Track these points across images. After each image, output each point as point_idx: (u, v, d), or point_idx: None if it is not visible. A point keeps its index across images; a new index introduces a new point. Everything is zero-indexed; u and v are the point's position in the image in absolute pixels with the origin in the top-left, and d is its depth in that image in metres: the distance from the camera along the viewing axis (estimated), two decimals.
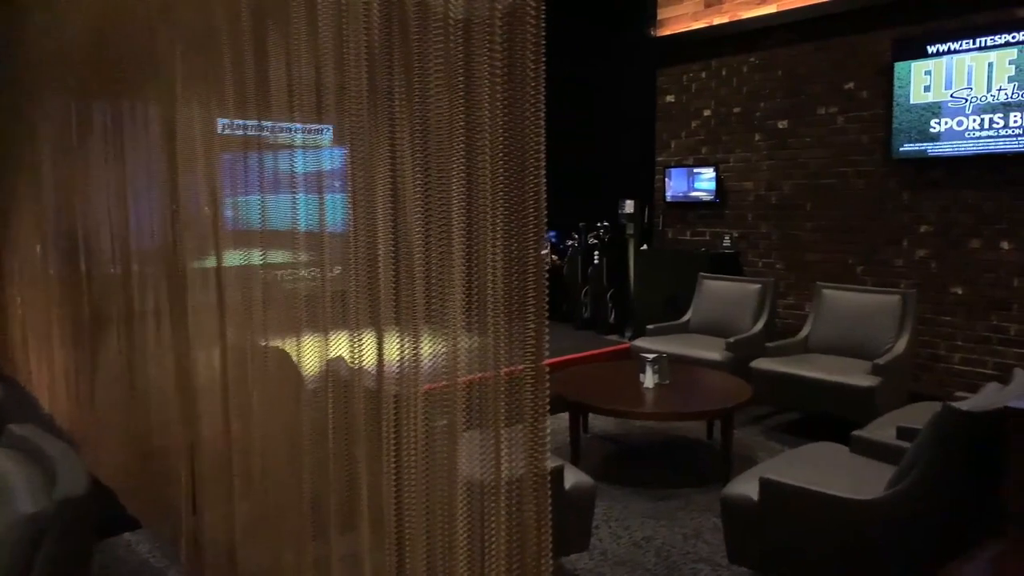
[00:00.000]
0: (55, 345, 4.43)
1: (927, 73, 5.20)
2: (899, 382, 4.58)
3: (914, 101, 5.27)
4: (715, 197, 6.60)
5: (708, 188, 6.64)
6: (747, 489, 2.69)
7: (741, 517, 2.70)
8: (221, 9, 2.28)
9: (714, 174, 6.58)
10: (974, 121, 5.00)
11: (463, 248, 1.51)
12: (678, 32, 6.65)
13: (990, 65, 4.92)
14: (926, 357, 5.36)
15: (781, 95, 6.18)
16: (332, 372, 1.98)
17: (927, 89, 5.21)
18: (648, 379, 4.11)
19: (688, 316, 5.89)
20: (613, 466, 4.30)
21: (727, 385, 4.25)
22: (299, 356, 2.09)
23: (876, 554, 2.39)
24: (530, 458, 1.39)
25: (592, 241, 7.65)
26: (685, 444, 4.65)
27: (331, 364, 1.98)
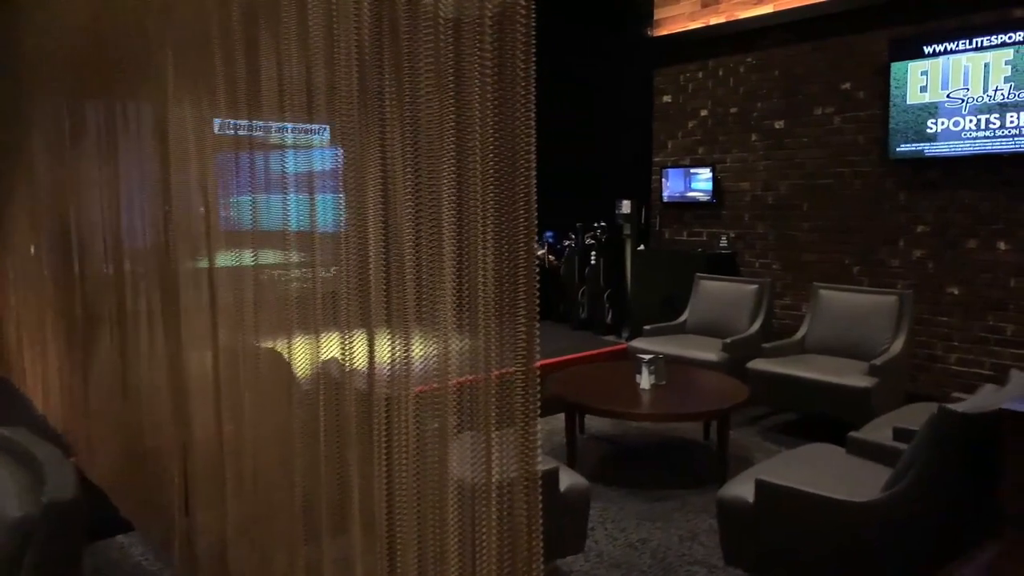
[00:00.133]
0: (48, 346, 4.42)
1: (924, 73, 5.20)
2: (896, 383, 4.57)
3: (911, 101, 5.27)
4: (712, 197, 6.59)
5: (705, 188, 6.63)
6: (743, 491, 2.68)
7: (737, 519, 2.69)
8: (213, 9, 2.27)
9: (711, 174, 6.57)
10: (971, 121, 5.00)
11: (454, 249, 1.50)
12: (675, 32, 6.64)
13: (987, 65, 4.91)
14: (923, 358, 5.35)
15: (778, 95, 6.17)
16: (324, 374, 1.97)
17: (924, 89, 5.21)
18: (644, 380, 4.10)
19: (685, 316, 5.88)
20: (609, 467, 4.29)
21: (723, 386, 4.24)
22: (291, 357, 2.08)
23: (872, 556, 2.38)
24: (521, 461, 1.38)
25: (589, 241, 7.64)
26: (681, 445, 4.64)
27: (323, 366, 1.97)
